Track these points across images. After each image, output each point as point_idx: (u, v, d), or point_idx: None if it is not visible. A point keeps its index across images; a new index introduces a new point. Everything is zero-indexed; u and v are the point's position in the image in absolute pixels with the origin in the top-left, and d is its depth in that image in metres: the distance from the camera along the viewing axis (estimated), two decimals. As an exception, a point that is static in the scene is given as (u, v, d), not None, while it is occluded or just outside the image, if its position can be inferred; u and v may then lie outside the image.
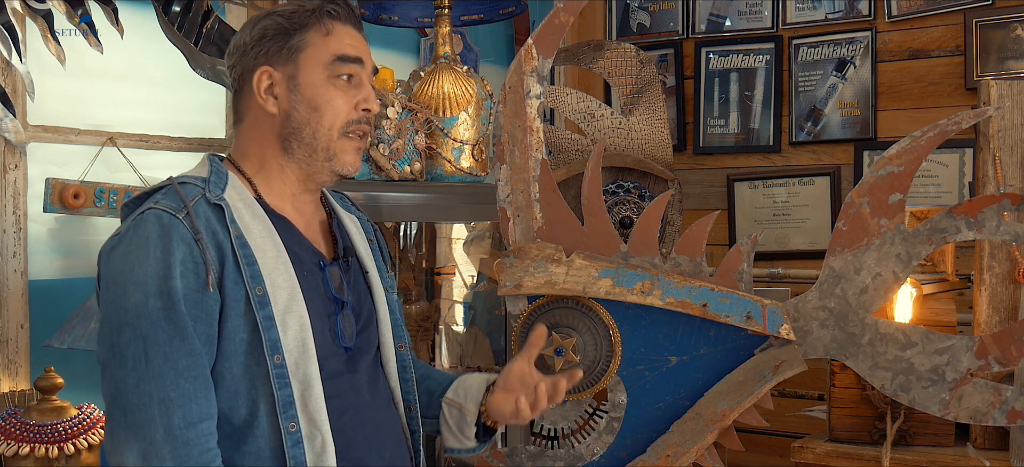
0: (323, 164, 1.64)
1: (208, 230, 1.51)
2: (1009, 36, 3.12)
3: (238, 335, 1.51)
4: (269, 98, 1.62)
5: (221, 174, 1.60)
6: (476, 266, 3.40)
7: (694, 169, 3.63)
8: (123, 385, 1.44)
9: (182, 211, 1.50)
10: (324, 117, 1.62)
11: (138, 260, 1.46)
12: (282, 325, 1.52)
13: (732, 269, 2.06)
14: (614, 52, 2.90)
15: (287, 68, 1.62)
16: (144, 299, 1.44)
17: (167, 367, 1.44)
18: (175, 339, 1.45)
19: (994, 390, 1.96)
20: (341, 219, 1.77)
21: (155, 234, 1.47)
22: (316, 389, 1.54)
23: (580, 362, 2.07)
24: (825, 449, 2.30)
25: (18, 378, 2.41)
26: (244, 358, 1.51)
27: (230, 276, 1.50)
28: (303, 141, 1.62)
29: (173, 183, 1.56)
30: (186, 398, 1.45)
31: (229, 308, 1.50)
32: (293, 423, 1.51)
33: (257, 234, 1.56)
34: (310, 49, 1.62)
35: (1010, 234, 1.97)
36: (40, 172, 2.46)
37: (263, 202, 1.62)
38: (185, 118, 2.85)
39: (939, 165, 3.20)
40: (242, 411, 1.51)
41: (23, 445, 2.16)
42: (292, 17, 1.63)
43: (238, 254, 1.51)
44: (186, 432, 1.44)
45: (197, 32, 2.54)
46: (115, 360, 1.45)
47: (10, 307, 2.40)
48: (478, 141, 2.61)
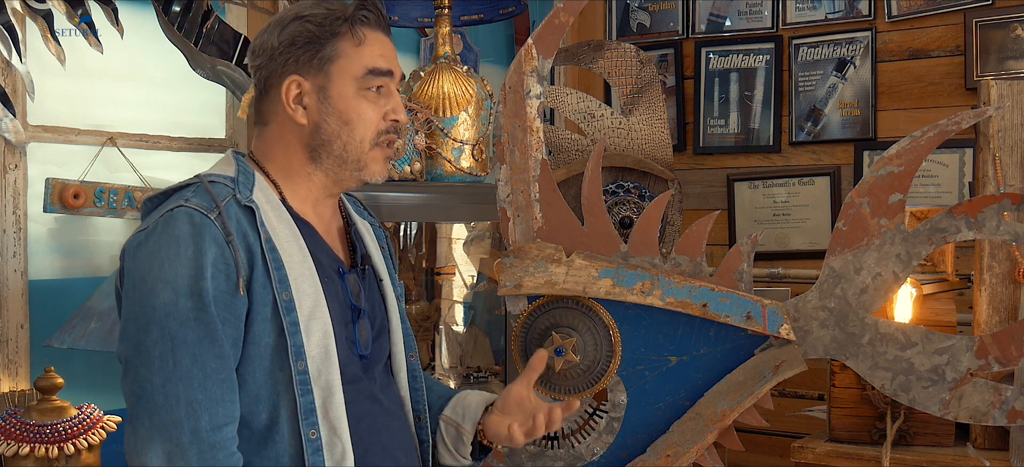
0: (352, 174, 1.62)
1: (239, 232, 1.48)
2: (1009, 36, 3.12)
3: (263, 339, 1.49)
4: (298, 108, 1.59)
5: (248, 174, 1.58)
6: (476, 266, 3.40)
7: (694, 169, 3.63)
8: (149, 385, 1.42)
9: (214, 211, 1.47)
10: (355, 130, 1.59)
11: (168, 258, 1.44)
12: (306, 331, 1.51)
13: (732, 269, 2.06)
14: (614, 52, 2.90)
15: (318, 79, 1.58)
16: (174, 298, 1.42)
17: (195, 369, 1.42)
18: (204, 341, 1.43)
19: (994, 390, 1.96)
20: (356, 225, 1.76)
21: (186, 233, 1.44)
22: (337, 396, 1.53)
23: (580, 362, 2.07)
24: (825, 449, 2.30)
25: (18, 378, 2.41)
26: (268, 363, 1.50)
27: (258, 279, 1.49)
28: (333, 153, 1.60)
29: (203, 181, 1.53)
30: (213, 401, 1.43)
31: (256, 312, 1.49)
32: (314, 430, 1.50)
33: (284, 238, 1.54)
34: (342, 60, 1.58)
35: (1010, 234, 1.97)
36: (40, 172, 2.46)
37: (287, 205, 1.60)
38: (185, 118, 2.85)
39: (939, 165, 3.19)
40: (263, 416, 1.50)
41: (23, 445, 2.16)
42: (323, 24, 1.58)
43: (267, 258, 1.50)
44: (212, 435, 1.42)
45: (197, 32, 2.54)
46: (141, 359, 1.43)
47: (10, 307, 2.40)
48: (478, 141, 2.61)
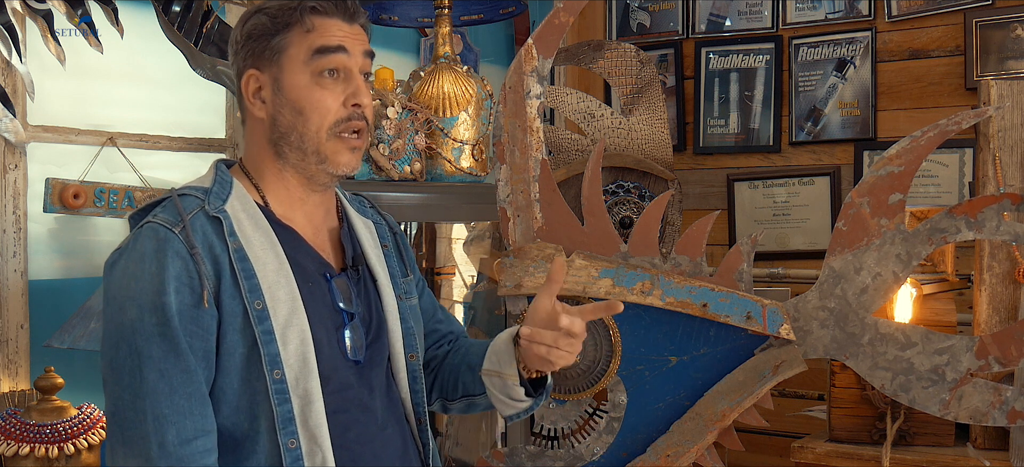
0: (317, 167, 1.57)
1: (204, 243, 1.47)
2: (1009, 36, 3.12)
3: (236, 350, 1.48)
4: (257, 102, 1.57)
5: (225, 183, 1.56)
6: (476, 266, 3.40)
7: (694, 169, 3.63)
8: (120, 401, 1.44)
9: (178, 225, 1.47)
10: (310, 120, 1.55)
11: (134, 275, 1.45)
12: (282, 339, 1.49)
13: (732, 269, 2.06)
14: (614, 52, 2.90)
15: (271, 70, 1.55)
16: (139, 315, 1.43)
17: (161, 383, 1.42)
18: (169, 355, 1.43)
19: (994, 390, 1.96)
20: (353, 225, 1.71)
21: (150, 249, 1.45)
22: (317, 405, 1.50)
23: (580, 362, 2.07)
24: (825, 449, 2.30)
25: (18, 378, 2.41)
26: (242, 373, 1.48)
27: (227, 291, 1.47)
28: (292, 145, 1.56)
29: (173, 195, 1.52)
30: (180, 414, 1.43)
31: (226, 323, 1.47)
32: (293, 440, 1.48)
33: (258, 246, 1.52)
34: (292, 49, 1.54)
35: (1010, 234, 1.97)
36: (40, 172, 2.46)
37: (269, 211, 1.57)
38: (185, 118, 2.85)
39: (939, 165, 3.19)
40: (242, 427, 1.49)
41: (23, 445, 2.16)
42: (277, 15, 1.55)
43: (236, 268, 1.48)
44: (180, 449, 1.42)
45: (197, 32, 2.54)
46: (113, 376, 1.45)
47: (10, 307, 2.40)
48: (478, 141, 2.61)
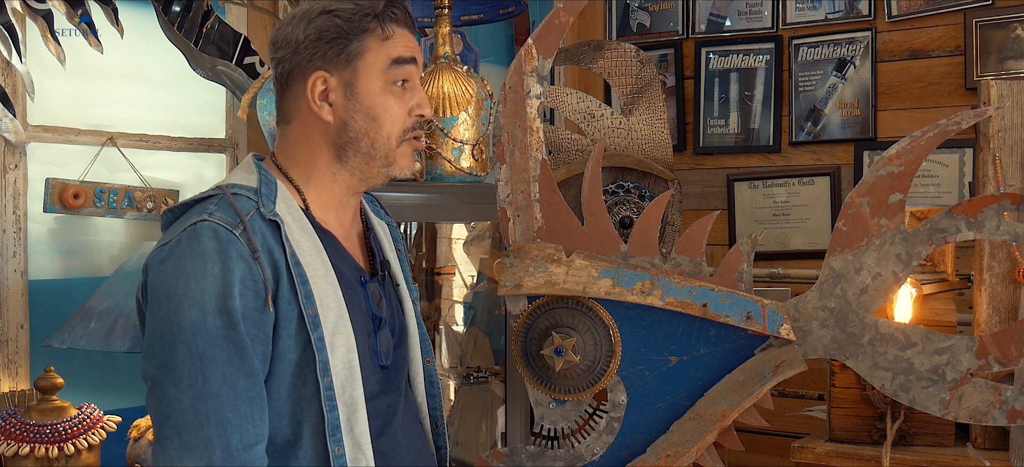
0: (380, 170, 1.59)
1: (264, 247, 1.46)
2: (1009, 36, 3.12)
3: (288, 355, 1.47)
4: (324, 105, 1.56)
5: (271, 184, 1.54)
6: (476, 266, 3.40)
7: (694, 169, 3.63)
8: (178, 404, 1.40)
9: (239, 227, 1.44)
10: (383, 127, 1.57)
11: (194, 274, 1.40)
12: (331, 346, 1.48)
13: (732, 269, 2.06)
14: (614, 52, 2.90)
15: (345, 74, 1.55)
16: (201, 316, 1.39)
17: (225, 387, 1.40)
18: (234, 359, 1.41)
19: (994, 390, 1.96)
20: (375, 229, 1.72)
21: (212, 249, 1.41)
22: (361, 412, 1.51)
23: (580, 362, 2.07)
24: (825, 449, 2.30)
25: (18, 378, 2.41)
26: (291, 378, 1.48)
27: (284, 295, 1.46)
28: (360, 150, 1.57)
29: (225, 193, 1.49)
30: (244, 420, 1.41)
31: (282, 328, 1.46)
32: (339, 447, 1.48)
33: (307, 251, 1.51)
34: (369, 55, 1.55)
35: (1010, 234, 1.97)
36: (40, 172, 2.47)
37: (310, 214, 1.57)
38: (185, 118, 2.85)
39: (939, 165, 3.19)
40: (285, 431, 1.48)
41: (23, 445, 2.16)
42: (352, 19, 1.55)
43: (293, 273, 1.47)
44: (243, 454, 1.41)
45: (197, 32, 2.54)
46: (169, 378, 1.40)
47: (10, 307, 2.40)
48: (478, 141, 2.61)
